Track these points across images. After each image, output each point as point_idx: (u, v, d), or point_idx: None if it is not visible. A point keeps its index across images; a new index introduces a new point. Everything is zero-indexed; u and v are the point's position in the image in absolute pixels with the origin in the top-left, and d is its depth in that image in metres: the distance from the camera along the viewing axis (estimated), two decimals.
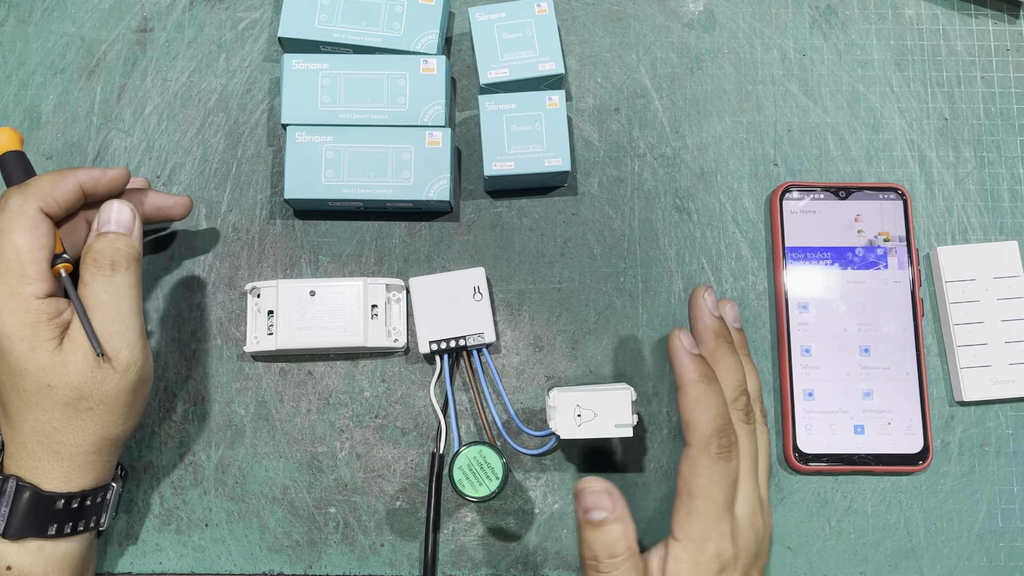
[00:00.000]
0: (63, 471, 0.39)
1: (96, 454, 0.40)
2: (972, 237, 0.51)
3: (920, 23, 0.54)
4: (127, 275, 0.40)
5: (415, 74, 0.49)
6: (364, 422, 0.48)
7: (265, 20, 0.54)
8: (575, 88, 0.53)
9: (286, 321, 0.47)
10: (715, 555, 0.38)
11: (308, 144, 0.48)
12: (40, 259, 0.38)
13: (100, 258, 0.39)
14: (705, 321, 0.42)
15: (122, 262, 0.40)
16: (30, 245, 0.38)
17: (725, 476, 0.38)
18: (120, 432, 0.41)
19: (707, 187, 0.52)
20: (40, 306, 0.38)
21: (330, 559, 0.47)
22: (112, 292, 0.39)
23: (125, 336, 0.39)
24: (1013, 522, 0.47)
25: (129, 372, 0.40)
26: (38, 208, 0.39)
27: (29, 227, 0.38)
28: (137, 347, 0.40)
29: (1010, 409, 0.49)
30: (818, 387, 0.48)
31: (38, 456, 0.39)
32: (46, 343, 0.38)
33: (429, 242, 0.51)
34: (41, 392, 0.38)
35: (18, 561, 0.39)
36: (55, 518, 0.39)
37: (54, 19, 0.54)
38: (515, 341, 0.49)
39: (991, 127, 0.52)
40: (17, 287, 0.38)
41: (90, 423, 0.39)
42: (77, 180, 0.41)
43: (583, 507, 0.39)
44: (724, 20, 0.54)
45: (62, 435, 0.39)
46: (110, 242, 0.40)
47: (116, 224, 0.41)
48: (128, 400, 0.40)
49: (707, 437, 0.38)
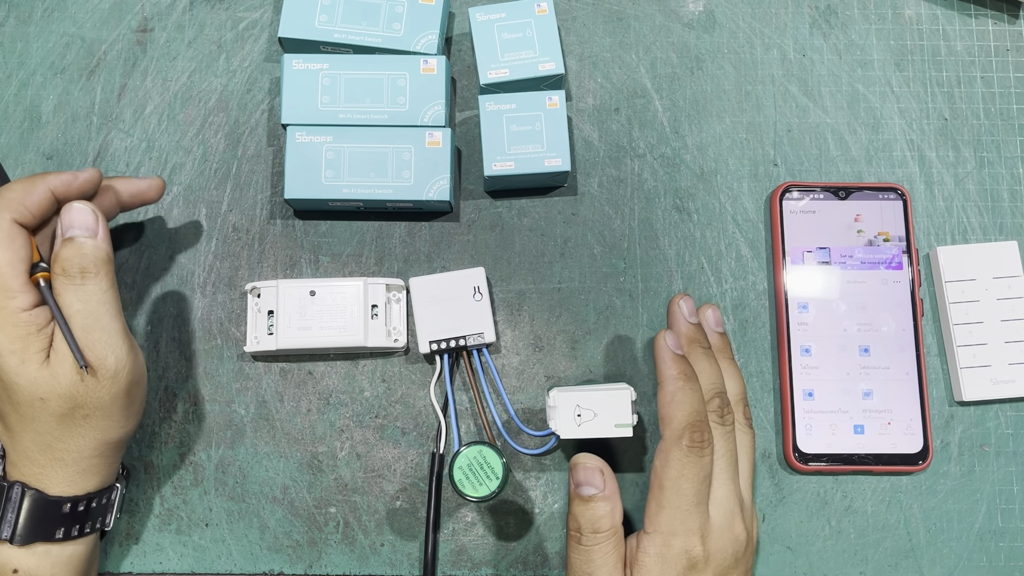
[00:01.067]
0: (67, 476, 0.39)
1: (99, 458, 0.40)
2: (972, 237, 0.51)
3: (920, 23, 0.54)
4: (98, 280, 0.38)
5: (415, 74, 0.49)
6: (364, 422, 0.48)
7: (265, 20, 0.54)
8: (575, 88, 0.53)
9: (286, 321, 0.47)
10: (682, 551, 0.38)
11: (308, 144, 0.48)
12: (20, 271, 0.37)
13: (68, 267, 0.38)
14: (680, 328, 0.44)
15: (91, 268, 0.38)
16: (8, 258, 0.37)
17: (696, 471, 0.39)
18: (121, 435, 0.41)
19: (707, 187, 0.52)
20: (28, 318, 0.37)
21: (330, 559, 0.47)
22: (86, 300, 0.38)
23: (108, 342, 0.38)
24: (1013, 522, 0.47)
25: (119, 377, 0.39)
26: (11, 219, 0.37)
27: (4, 240, 0.37)
28: (123, 351, 0.39)
29: (1010, 409, 0.49)
30: (818, 387, 0.48)
31: (41, 463, 0.39)
32: (35, 355, 0.37)
33: (429, 242, 0.51)
34: (35, 405, 0.38)
35: (25, 565, 0.39)
36: (62, 522, 0.39)
37: (54, 19, 0.54)
38: (515, 341, 0.50)
39: (991, 127, 0.52)
40: (2, 301, 0.37)
41: (89, 429, 0.39)
42: (48, 186, 0.39)
43: (575, 481, 0.40)
44: (724, 20, 0.54)
45: (63, 443, 0.39)
46: (76, 248, 0.38)
47: (80, 228, 0.39)
48: (124, 403, 0.40)
49: (680, 431, 0.39)
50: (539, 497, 0.48)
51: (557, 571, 0.47)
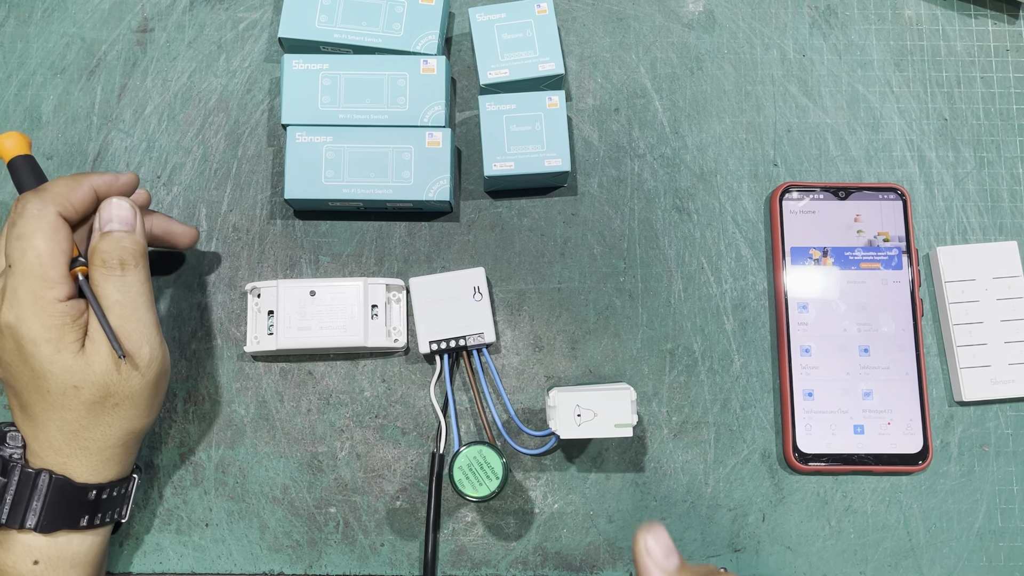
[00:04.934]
0: (91, 465, 0.40)
1: (122, 447, 0.41)
2: (972, 237, 0.51)
3: (920, 23, 0.54)
4: (137, 272, 0.40)
5: (415, 74, 0.49)
6: (364, 422, 0.48)
7: (265, 20, 0.54)
8: (575, 88, 0.53)
9: (286, 321, 0.47)
10: None
11: (308, 144, 0.48)
12: (61, 263, 0.39)
13: (108, 258, 0.40)
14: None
15: (130, 260, 0.40)
16: (51, 249, 0.38)
17: None
18: (144, 424, 0.42)
19: (707, 187, 0.52)
20: (64, 308, 0.38)
21: (330, 559, 0.47)
22: (125, 291, 0.40)
23: (143, 333, 0.40)
24: (1013, 522, 0.47)
25: (151, 367, 0.40)
26: (56, 212, 0.39)
27: (50, 231, 0.38)
28: (156, 341, 0.41)
29: (1010, 409, 0.49)
30: (818, 387, 0.48)
31: (65, 452, 0.40)
32: (70, 345, 0.38)
33: (429, 242, 0.51)
34: (67, 393, 0.39)
35: (45, 555, 0.39)
36: (87, 509, 0.40)
37: (54, 19, 0.54)
38: (515, 341, 0.50)
39: (991, 127, 0.52)
40: (40, 291, 0.38)
41: (116, 419, 0.40)
42: (91, 184, 0.41)
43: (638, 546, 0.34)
44: (724, 20, 0.54)
45: (89, 432, 0.40)
46: (116, 241, 0.40)
47: (119, 222, 0.41)
48: (151, 393, 0.41)
49: None
50: (539, 497, 0.48)
51: (557, 571, 0.47)
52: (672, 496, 0.48)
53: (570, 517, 0.47)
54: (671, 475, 0.48)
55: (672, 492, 0.48)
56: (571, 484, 0.48)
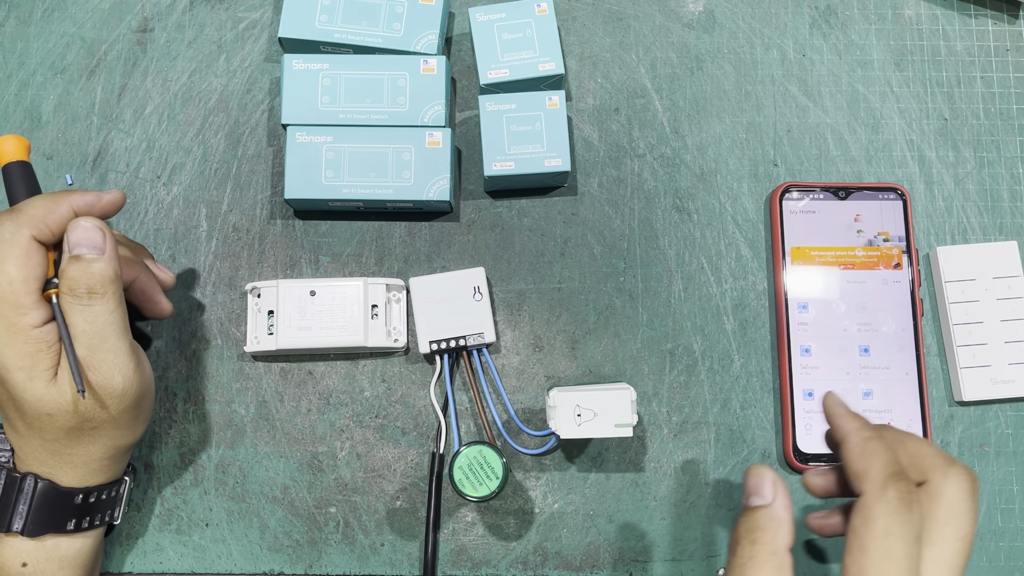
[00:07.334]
0: (77, 475, 0.40)
1: (109, 459, 0.41)
2: (972, 237, 0.51)
3: (920, 23, 0.54)
4: (105, 301, 0.37)
5: (415, 74, 0.49)
6: (364, 422, 0.48)
7: (265, 20, 0.54)
8: (575, 88, 0.53)
9: (286, 321, 0.47)
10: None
11: (308, 144, 0.48)
12: (33, 289, 0.37)
13: (75, 287, 0.37)
14: None
15: (98, 288, 0.37)
16: (24, 275, 0.36)
17: (906, 529, 0.32)
18: (130, 440, 0.41)
19: (707, 187, 0.52)
20: (38, 335, 0.37)
21: (330, 559, 0.47)
22: (93, 320, 0.37)
23: (114, 362, 0.38)
24: (1013, 522, 0.47)
25: (127, 394, 0.39)
26: (31, 236, 0.37)
27: (22, 256, 0.37)
28: (129, 369, 0.39)
29: (1010, 409, 0.49)
30: (818, 387, 0.48)
31: (50, 464, 0.39)
32: (43, 373, 0.37)
33: (429, 242, 0.51)
34: (42, 419, 0.38)
35: (33, 558, 0.39)
36: (73, 513, 0.40)
37: (54, 19, 0.54)
38: (515, 341, 0.50)
39: (991, 127, 0.52)
40: (13, 318, 0.36)
41: (98, 439, 0.39)
42: (71, 206, 0.39)
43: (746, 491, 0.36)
44: (724, 20, 0.54)
45: (71, 449, 0.39)
46: (83, 268, 0.37)
47: (88, 246, 0.38)
48: (132, 415, 0.40)
49: (882, 482, 0.33)
50: (539, 497, 0.48)
51: (557, 571, 0.47)
52: (672, 496, 0.48)
53: (570, 517, 0.47)
54: (671, 475, 0.48)
55: (672, 492, 0.48)
56: (571, 484, 0.48)
